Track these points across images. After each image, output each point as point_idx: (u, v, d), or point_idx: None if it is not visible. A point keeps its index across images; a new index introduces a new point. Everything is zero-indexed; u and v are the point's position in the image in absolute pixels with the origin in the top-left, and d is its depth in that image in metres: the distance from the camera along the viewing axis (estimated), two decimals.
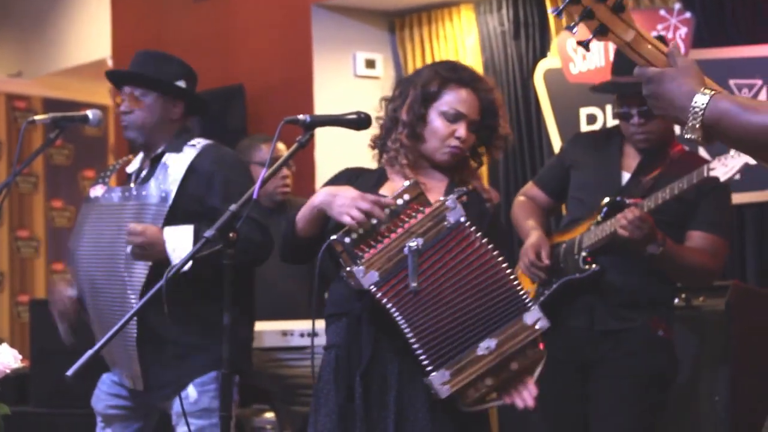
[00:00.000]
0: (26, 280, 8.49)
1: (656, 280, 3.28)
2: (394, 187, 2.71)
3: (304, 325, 4.13)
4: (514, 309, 2.46)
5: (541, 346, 2.49)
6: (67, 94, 8.28)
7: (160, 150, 3.35)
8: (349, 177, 2.83)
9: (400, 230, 2.52)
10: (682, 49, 5.36)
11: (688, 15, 5.27)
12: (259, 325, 3.50)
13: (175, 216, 3.19)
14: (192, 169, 3.25)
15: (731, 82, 5.26)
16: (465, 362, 2.42)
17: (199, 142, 3.34)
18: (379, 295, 2.49)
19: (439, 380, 2.41)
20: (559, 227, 3.56)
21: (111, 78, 3.50)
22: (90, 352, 2.37)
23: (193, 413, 3.19)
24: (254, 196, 2.47)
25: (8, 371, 2.41)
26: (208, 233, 2.43)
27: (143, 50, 3.52)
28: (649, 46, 1.81)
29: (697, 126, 1.74)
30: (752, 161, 2.95)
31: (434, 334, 2.46)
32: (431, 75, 2.75)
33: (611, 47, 5.30)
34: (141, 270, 3.17)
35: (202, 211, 3.22)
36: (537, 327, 2.44)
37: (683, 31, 5.29)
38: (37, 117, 3.30)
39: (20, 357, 2.46)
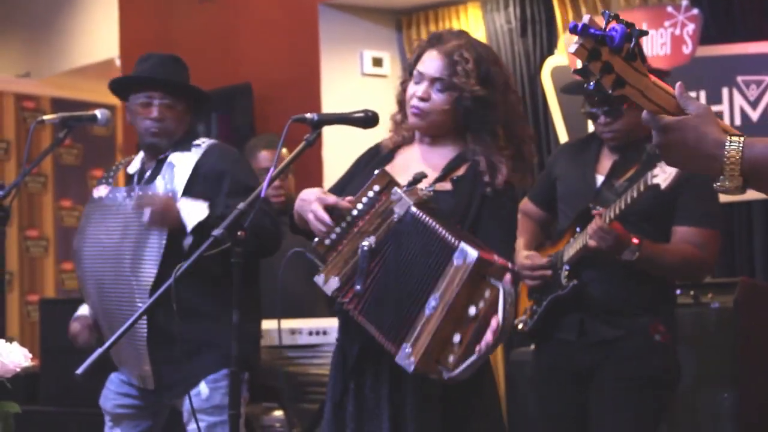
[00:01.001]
0: (35, 279, 8.51)
1: (648, 285, 3.24)
2: (395, 165, 2.69)
3: (313, 323, 4.13)
4: (443, 256, 2.32)
5: (507, 279, 2.29)
6: (76, 94, 8.29)
7: (169, 152, 3.36)
8: (370, 155, 2.81)
9: (355, 230, 2.46)
10: (690, 47, 5.35)
11: (695, 11, 5.26)
12: (268, 324, 3.51)
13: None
14: (198, 168, 3.26)
15: (739, 78, 5.25)
16: (419, 328, 2.31)
17: (204, 142, 3.35)
18: (344, 302, 2.47)
19: (403, 357, 2.33)
20: (551, 239, 3.55)
21: (138, 81, 3.42)
22: (99, 350, 2.38)
23: (205, 410, 3.20)
24: (262, 195, 2.47)
25: (18, 370, 2.41)
26: (217, 232, 2.43)
27: (154, 53, 3.49)
28: (659, 90, 1.75)
29: (737, 174, 1.67)
30: None
31: (390, 320, 2.40)
32: (415, 47, 2.76)
33: None
34: (149, 270, 3.18)
35: (210, 207, 3.23)
36: (467, 261, 2.27)
37: (691, 27, 5.28)
38: (46, 117, 3.30)
39: (30, 356, 2.47)
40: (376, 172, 2.55)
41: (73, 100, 8.19)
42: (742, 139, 1.70)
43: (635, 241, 3.10)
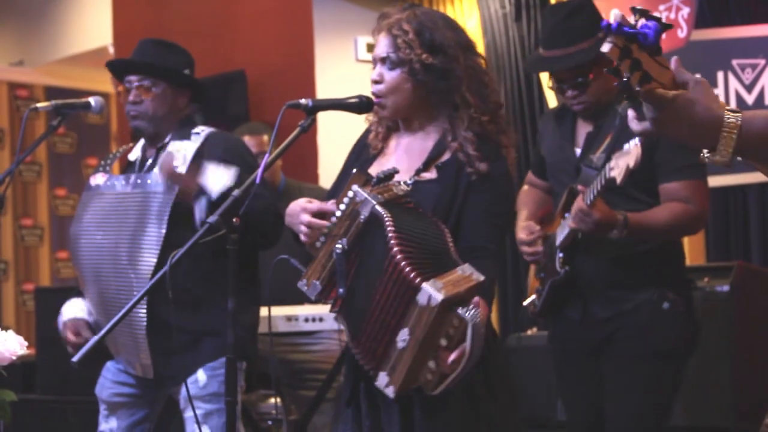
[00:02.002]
0: (31, 268, 8.51)
1: (650, 254, 3.22)
2: (382, 160, 2.67)
3: (309, 309, 4.13)
4: (406, 293, 2.30)
5: (480, 307, 2.29)
6: (69, 82, 8.28)
7: (167, 140, 3.35)
8: (357, 152, 2.77)
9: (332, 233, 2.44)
10: (685, 30, 5.35)
11: None
12: (264, 311, 3.50)
13: (180, 203, 3.19)
14: (199, 157, 3.25)
15: (734, 62, 5.25)
16: (394, 359, 2.32)
17: (203, 130, 3.34)
18: (330, 305, 2.45)
19: (383, 383, 2.34)
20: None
21: (117, 67, 3.45)
22: (95, 338, 2.37)
23: (202, 397, 3.20)
24: (257, 181, 2.46)
25: (14, 358, 2.41)
26: (212, 218, 2.43)
27: (147, 38, 3.50)
28: (657, 65, 1.76)
29: (730, 150, 1.73)
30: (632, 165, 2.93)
31: (366, 338, 2.38)
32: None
33: None
34: (148, 259, 3.17)
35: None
36: (431, 303, 2.25)
37: (686, 11, 5.28)
38: (39, 104, 3.28)
39: (26, 344, 2.46)
40: (353, 171, 2.53)
41: (66, 88, 8.17)
42: (739, 115, 1.74)
43: (619, 218, 3.09)
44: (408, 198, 2.48)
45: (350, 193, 2.45)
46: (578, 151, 3.30)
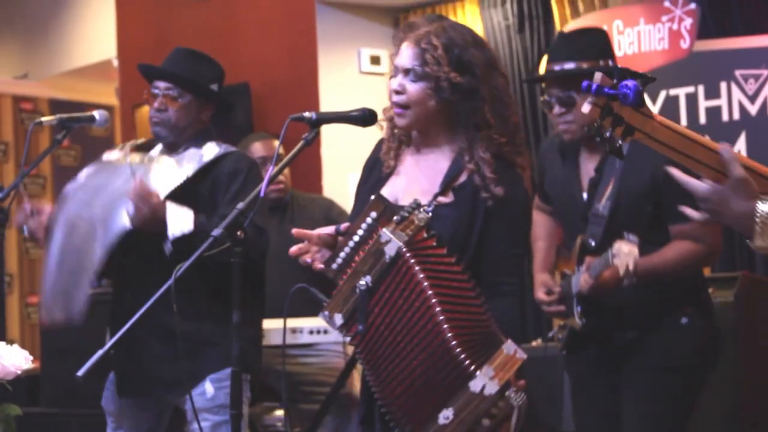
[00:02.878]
0: (35, 281, 8.50)
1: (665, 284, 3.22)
2: (395, 181, 2.64)
3: (313, 322, 4.13)
4: (457, 377, 2.30)
5: (519, 386, 2.34)
6: (74, 95, 8.29)
7: (181, 150, 3.36)
8: (369, 168, 2.73)
9: (349, 270, 2.42)
10: (687, 41, 5.35)
11: (692, 6, 5.26)
12: (267, 323, 3.50)
13: (176, 199, 3.20)
14: (211, 166, 3.26)
15: (737, 72, 5.25)
16: (432, 430, 2.34)
17: (221, 145, 3.35)
18: (349, 339, 2.44)
19: None
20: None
21: (148, 72, 3.44)
22: (100, 352, 2.37)
23: (210, 409, 3.20)
24: (261, 194, 2.46)
25: (19, 372, 2.41)
26: (216, 232, 2.43)
27: (181, 47, 3.51)
28: (665, 130, 1.87)
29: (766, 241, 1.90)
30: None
31: (397, 392, 2.38)
32: (393, 38, 2.67)
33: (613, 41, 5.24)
34: (110, 235, 3.17)
35: (205, 205, 3.22)
36: (485, 394, 2.28)
37: (688, 22, 5.29)
38: (44, 118, 3.30)
39: (31, 358, 2.46)
40: (372, 197, 2.50)
41: (71, 101, 8.18)
42: None
43: (627, 271, 3.08)
44: (428, 229, 2.44)
45: (369, 219, 2.43)
46: (585, 195, 3.29)
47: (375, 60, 6.44)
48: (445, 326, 2.30)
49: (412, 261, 2.34)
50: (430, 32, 2.52)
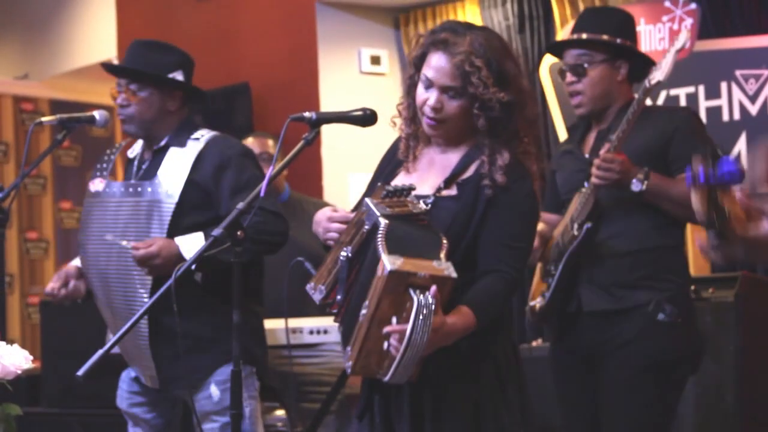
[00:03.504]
0: (36, 281, 8.50)
1: (654, 254, 3.22)
2: (413, 173, 2.65)
3: (313, 322, 4.13)
4: (374, 267, 2.32)
5: (435, 296, 2.29)
6: (74, 96, 8.29)
7: (163, 143, 3.33)
8: (387, 160, 2.75)
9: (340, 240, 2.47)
10: (687, 41, 5.35)
11: (693, 6, 5.26)
12: (267, 323, 3.50)
13: (182, 211, 3.19)
14: (199, 163, 3.24)
15: (738, 72, 5.25)
16: (355, 332, 2.37)
17: (203, 135, 3.31)
18: (331, 310, 2.48)
19: (345, 359, 2.40)
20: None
21: (109, 70, 3.44)
22: (100, 351, 2.38)
23: (218, 412, 3.22)
24: (262, 194, 2.47)
25: (19, 372, 2.41)
26: (216, 231, 2.43)
27: (138, 40, 3.48)
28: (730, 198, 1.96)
29: None
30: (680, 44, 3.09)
31: (348, 329, 2.43)
32: (417, 41, 2.64)
33: None
34: None
35: (210, 204, 3.22)
36: (383, 273, 2.27)
37: (689, 22, 5.28)
38: (44, 118, 3.30)
39: (31, 358, 2.47)
40: (378, 184, 2.54)
41: (71, 101, 8.18)
42: None
43: (642, 168, 3.08)
44: (423, 216, 2.46)
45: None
46: (587, 155, 3.31)
47: (375, 60, 6.44)
48: (381, 243, 2.32)
49: (381, 226, 2.35)
50: (470, 53, 2.50)
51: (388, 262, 2.28)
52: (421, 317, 2.27)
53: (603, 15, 3.43)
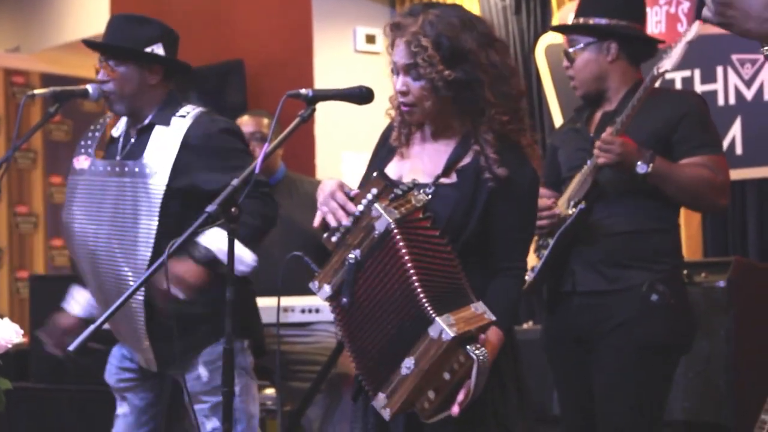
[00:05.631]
0: (25, 255, 8.49)
1: (648, 236, 3.22)
2: (406, 161, 2.63)
3: (305, 301, 4.12)
4: (419, 324, 2.32)
5: (488, 344, 2.36)
6: (66, 70, 8.25)
7: (147, 121, 3.29)
8: (380, 145, 2.73)
9: (347, 240, 2.45)
10: (685, 25, 5.32)
11: None
12: (259, 301, 3.49)
13: (171, 190, 3.16)
14: (186, 141, 3.20)
15: (734, 57, 5.24)
16: (395, 383, 2.37)
17: (189, 112, 3.25)
18: (333, 310, 2.46)
19: (380, 404, 2.39)
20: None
21: (90, 47, 3.38)
22: (91, 327, 2.36)
23: (207, 392, 3.21)
24: (256, 171, 2.44)
25: (10, 346, 2.40)
26: (210, 208, 2.41)
27: (119, 15, 3.42)
28: None
29: None
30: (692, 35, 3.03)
31: (368, 356, 2.42)
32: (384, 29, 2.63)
33: None
34: (143, 252, 3.13)
35: (199, 183, 3.18)
36: (443, 338, 2.29)
37: (686, 5, 5.27)
38: (36, 91, 3.25)
39: (22, 332, 2.45)
40: (374, 174, 2.52)
41: (63, 75, 8.14)
42: None
43: (646, 150, 3.07)
44: (425, 210, 2.45)
45: (369, 195, 2.44)
46: (591, 134, 3.30)
47: (370, 39, 6.41)
48: (417, 284, 2.32)
49: (399, 238, 2.35)
50: (417, 33, 2.49)
51: (447, 328, 2.30)
52: (481, 373, 2.35)
53: None
